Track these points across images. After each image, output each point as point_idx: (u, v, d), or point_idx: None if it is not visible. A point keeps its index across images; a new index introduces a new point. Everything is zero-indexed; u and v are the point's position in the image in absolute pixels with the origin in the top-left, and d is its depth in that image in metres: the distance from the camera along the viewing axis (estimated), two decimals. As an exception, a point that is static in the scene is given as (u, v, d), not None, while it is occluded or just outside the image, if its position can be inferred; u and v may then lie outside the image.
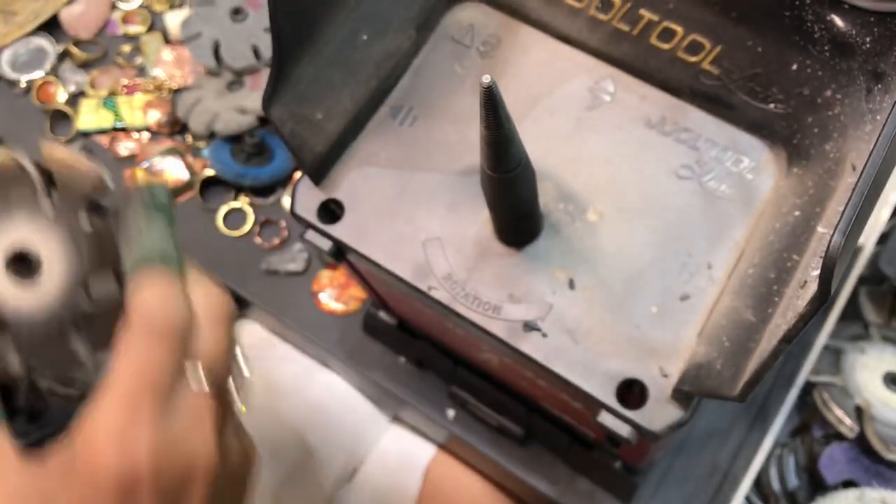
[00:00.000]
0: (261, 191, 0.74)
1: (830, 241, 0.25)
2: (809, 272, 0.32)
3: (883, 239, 0.65)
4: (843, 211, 0.25)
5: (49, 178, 0.34)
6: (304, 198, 0.45)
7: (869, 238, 0.64)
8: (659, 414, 0.38)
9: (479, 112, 0.32)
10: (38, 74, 0.81)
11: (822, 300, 0.26)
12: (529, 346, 0.40)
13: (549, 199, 0.42)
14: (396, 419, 0.75)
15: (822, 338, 0.60)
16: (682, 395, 0.38)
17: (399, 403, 0.70)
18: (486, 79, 0.30)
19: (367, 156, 0.45)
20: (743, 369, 0.34)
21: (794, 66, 0.39)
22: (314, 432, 0.71)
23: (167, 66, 0.81)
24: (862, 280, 0.65)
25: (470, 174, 0.44)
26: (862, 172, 0.25)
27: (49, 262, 0.33)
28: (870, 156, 0.26)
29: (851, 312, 0.65)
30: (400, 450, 0.73)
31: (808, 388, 0.62)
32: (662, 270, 0.41)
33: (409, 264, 0.43)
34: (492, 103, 0.31)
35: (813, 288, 0.27)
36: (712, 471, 0.63)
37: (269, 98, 0.41)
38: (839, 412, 0.59)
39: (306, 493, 0.70)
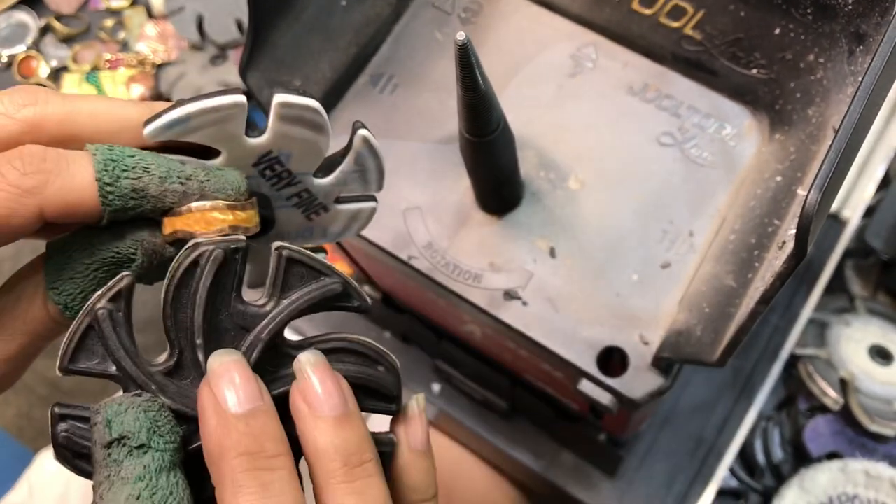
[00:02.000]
0: (245, 166, 0.73)
1: (807, 199, 0.25)
2: (788, 234, 0.31)
3: (869, 212, 0.65)
4: (820, 168, 0.25)
5: None
6: (283, 167, 0.44)
7: (855, 211, 0.64)
8: (639, 381, 0.38)
9: (455, 72, 0.31)
10: (19, 49, 0.80)
11: (799, 258, 0.26)
12: (510, 314, 0.40)
13: (531, 166, 0.42)
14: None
15: (808, 311, 0.60)
16: (663, 362, 0.38)
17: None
18: (461, 36, 0.29)
19: (347, 124, 0.44)
20: (722, 335, 0.34)
21: (777, 31, 0.39)
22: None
23: (151, 40, 0.80)
24: (848, 253, 0.65)
25: (451, 142, 0.43)
26: (838, 130, 0.25)
27: None
28: (846, 113, 0.25)
29: (837, 285, 0.65)
30: (385, 426, 0.73)
31: (794, 360, 0.62)
32: (644, 238, 0.40)
33: (390, 234, 0.42)
34: (467, 62, 0.30)
35: (790, 247, 0.26)
36: (698, 444, 0.63)
37: (245, 65, 0.40)
38: (824, 384, 0.59)
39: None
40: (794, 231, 0.26)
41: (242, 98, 0.28)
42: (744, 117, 0.41)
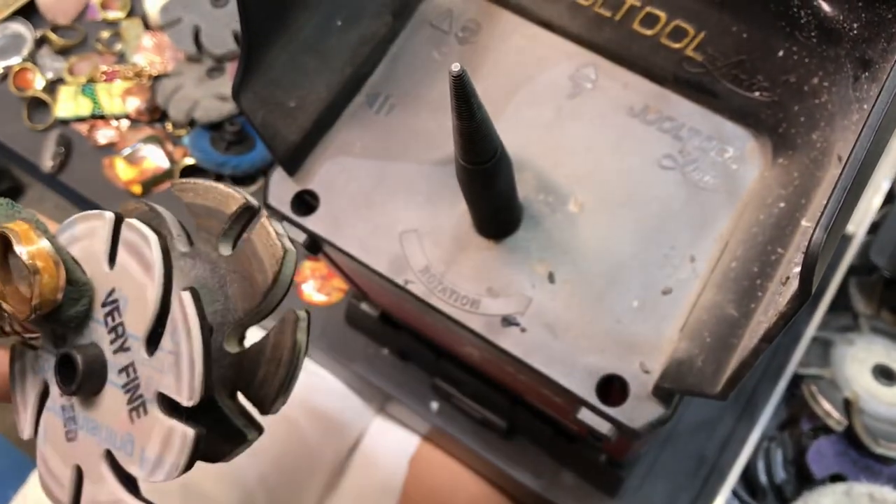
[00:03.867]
0: (241, 180, 0.73)
1: (811, 238, 0.24)
2: (792, 268, 0.31)
3: (873, 228, 0.64)
4: (826, 205, 0.24)
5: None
6: (277, 188, 0.43)
7: (859, 227, 0.63)
8: (640, 411, 0.37)
9: (450, 102, 0.30)
10: (14, 61, 0.80)
11: (803, 299, 0.25)
12: (508, 341, 0.39)
13: (529, 189, 0.41)
14: (382, 411, 0.74)
15: (811, 330, 0.59)
16: (664, 391, 0.37)
17: (384, 396, 0.69)
18: (455, 67, 0.28)
19: (342, 145, 0.44)
20: (724, 366, 0.33)
21: (780, 53, 0.38)
22: (301, 424, 0.70)
23: (147, 52, 0.79)
24: (852, 270, 0.64)
25: (448, 164, 0.42)
26: (845, 166, 0.24)
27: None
28: (853, 148, 0.25)
29: (841, 303, 0.64)
30: (385, 442, 0.73)
31: (797, 380, 0.61)
32: (644, 263, 0.39)
33: (386, 257, 0.41)
34: (462, 92, 0.30)
35: (795, 285, 0.26)
36: (699, 463, 0.62)
37: (238, 85, 0.39)
38: (827, 405, 0.59)
39: (295, 482, 0.70)
40: (798, 269, 0.25)
41: (110, 215, 0.28)
42: (746, 140, 0.40)
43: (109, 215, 0.30)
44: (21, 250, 0.28)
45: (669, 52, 0.41)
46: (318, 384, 0.72)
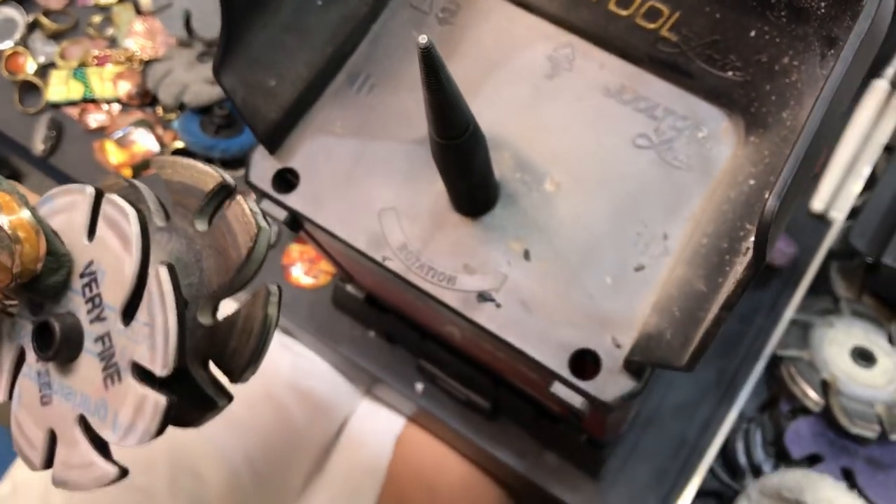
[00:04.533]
0: (230, 163, 0.73)
1: (765, 206, 0.25)
2: (751, 240, 0.31)
3: (854, 213, 0.64)
4: (779, 175, 0.25)
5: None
6: (258, 167, 0.44)
7: (840, 213, 0.64)
8: (611, 384, 0.38)
9: (420, 75, 0.31)
10: (6, 45, 0.80)
11: (758, 266, 0.26)
12: (483, 316, 0.40)
13: (506, 168, 0.42)
14: (369, 394, 0.75)
15: (790, 312, 0.60)
16: (635, 365, 0.38)
17: (371, 378, 0.69)
18: (423, 39, 0.29)
19: (323, 124, 0.44)
20: (692, 339, 0.34)
21: (752, 33, 0.38)
22: (288, 405, 0.71)
23: (139, 37, 0.80)
24: (833, 255, 0.65)
25: (427, 143, 0.43)
26: (798, 138, 0.25)
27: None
28: (806, 121, 0.25)
29: (822, 287, 0.65)
30: (372, 423, 0.73)
31: (777, 362, 0.62)
32: (618, 241, 0.40)
33: (365, 234, 0.42)
34: (431, 64, 0.30)
35: (751, 253, 0.26)
36: (680, 445, 0.62)
37: (219, 64, 0.40)
38: (805, 386, 0.59)
39: (282, 463, 0.71)
40: (753, 238, 0.26)
41: (90, 190, 0.29)
42: (720, 120, 0.41)
43: (90, 190, 0.30)
44: (3, 220, 0.28)
45: (645, 32, 0.41)
46: (305, 366, 0.73)
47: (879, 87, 0.69)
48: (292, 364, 0.72)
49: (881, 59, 0.70)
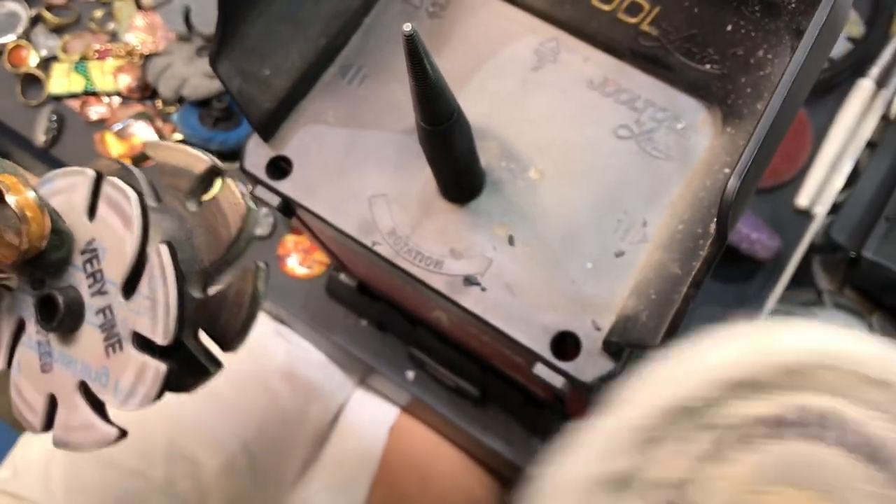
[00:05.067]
0: (228, 155, 0.74)
1: (726, 185, 0.26)
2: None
3: (835, 209, 0.66)
4: (740, 157, 0.26)
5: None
6: (253, 154, 0.45)
7: (823, 207, 0.65)
8: (590, 365, 0.40)
9: (406, 62, 0.32)
10: (9, 38, 0.81)
11: (720, 243, 0.27)
12: (469, 299, 0.41)
13: (492, 157, 0.43)
14: (363, 384, 0.76)
15: (771, 303, 0.61)
16: (614, 346, 0.39)
17: (365, 368, 0.71)
18: (407, 27, 0.30)
19: (315, 114, 0.46)
20: (665, 320, 0.35)
21: (729, 27, 0.40)
22: (284, 394, 0.72)
23: (139, 31, 0.81)
24: (815, 249, 0.66)
25: (416, 133, 0.44)
26: (758, 121, 0.26)
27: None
28: (766, 106, 0.27)
29: (805, 280, 0.66)
30: (366, 412, 0.75)
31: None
32: (599, 228, 0.41)
33: (355, 220, 0.43)
34: (415, 51, 0.32)
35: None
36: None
37: (216, 53, 0.41)
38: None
39: (277, 450, 0.72)
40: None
41: (91, 172, 0.31)
42: (698, 111, 0.42)
43: (91, 172, 0.32)
44: (11, 199, 0.30)
45: (626, 26, 0.43)
46: (300, 355, 0.74)
47: (864, 86, 0.70)
48: (287, 352, 0.74)
49: (866, 60, 0.71)
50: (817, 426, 0.21)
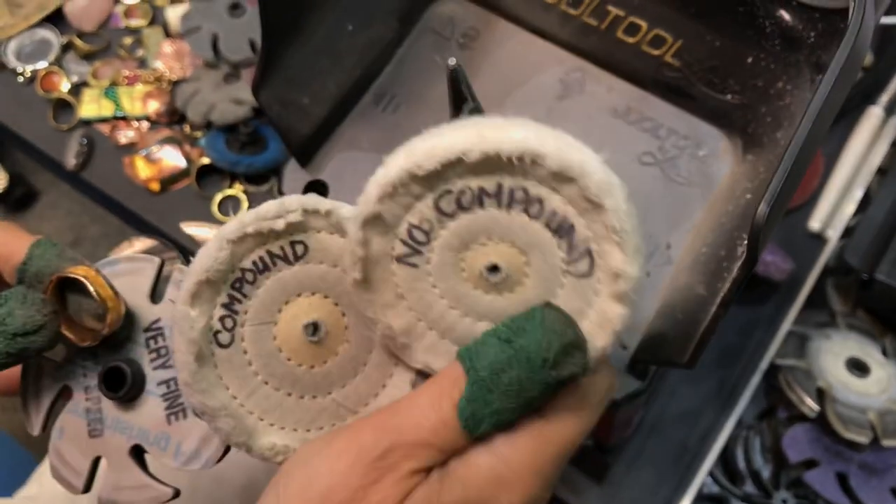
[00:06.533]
0: (255, 178, 0.77)
1: (757, 211, 0.28)
2: (744, 242, 0.34)
3: (848, 232, 0.68)
4: (769, 184, 0.28)
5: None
6: (290, 179, 0.47)
7: (835, 231, 0.67)
8: (618, 384, 0.41)
9: (448, 94, 0.34)
10: (42, 64, 0.84)
11: (750, 265, 0.29)
12: (499, 319, 0.43)
13: (521, 182, 0.45)
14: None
15: (787, 324, 0.63)
16: (639, 365, 0.41)
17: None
18: (452, 61, 0.32)
19: (351, 140, 0.48)
20: (693, 338, 0.37)
21: (750, 60, 0.42)
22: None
23: (167, 58, 0.84)
24: (829, 271, 0.68)
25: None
26: (785, 152, 0.28)
27: None
28: (793, 137, 0.28)
29: (819, 301, 0.67)
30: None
31: (775, 371, 0.65)
32: (625, 250, 0.43)
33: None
34: (458, 84, 0.34)
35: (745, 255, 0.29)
36: (682, 452, 0.65)
37: (258, 82, 0.43)
38: (801, 393, 0.62)
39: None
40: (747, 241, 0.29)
41: (157, 260, 0.34)
42: (719, 139, 0.44)
43: (157, 260, 0.36)
44: (94, 292, 0.33)
45: (650, 58, 0.45)
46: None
47: (874, 113, 0.72)
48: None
49: (876, 87, 0.73)
50: (510, 199, 0.28)
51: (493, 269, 0.29)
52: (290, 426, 0.32)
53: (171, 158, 0.78)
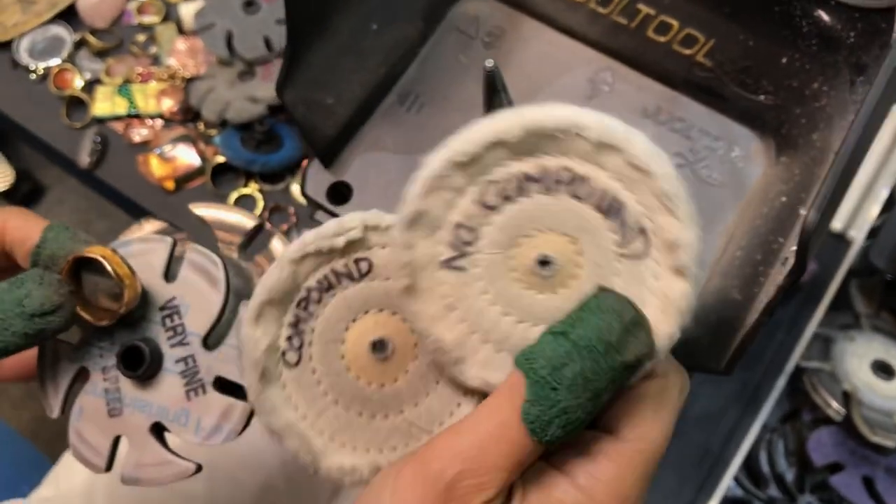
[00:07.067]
0: (270, 177, 0.76)
1: (806, 218, 0.27)
2: (790, 250, 0.34)
3: (873, 233, 0.67)
4: (819, 191, 0.27)
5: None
6: (314, 179, 0.47)
7: (860, 232, 0.66)
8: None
9: (483, 95, 0.34)
10: (55, 62, 0.83)
11: (799, 272, 0.28)
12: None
13: (549, 183, 0.44)
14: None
15: (813, 325, 0.62)
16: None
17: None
18: (490, 62, 0.32)
19: (375, 140, 0.47)
20: (729, 344, 0.36)
21: (784, 60, 0.41)
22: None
23: (181, 55, 0.83)
24: (853, 273, 0.67)
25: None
26: (836, 156, 0.27)
27: None
28: (843, 141, 0.28)
29: (843, 303, 0.67)
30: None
31: (799, 374, 0.64)
32: (655, 253, 0.42)
33: (414, 244, 0.44)
34: (494, 86, 0.33)
35: (791, 262, 0.29)
36: (704, 455, 0.65)
37: (282, 82, 0.43)
38: (827, 396, 0.61)
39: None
40: (794, 248, 0.28)
41: (170, 240, 0.34)
42: (751, 140, 0.43)
43: (169, 240, 0.36)
44: (112, 270, 0.33)
45: (681, 57, 0.44)
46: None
47: (897, 111, 0.71)
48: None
49: (899, 85, 0.72)
50: (555, 181, 0.28)
51: (545, 262, 0.29)
52: (362, 447, 0.31)
53: (186, 157, 0.78)
